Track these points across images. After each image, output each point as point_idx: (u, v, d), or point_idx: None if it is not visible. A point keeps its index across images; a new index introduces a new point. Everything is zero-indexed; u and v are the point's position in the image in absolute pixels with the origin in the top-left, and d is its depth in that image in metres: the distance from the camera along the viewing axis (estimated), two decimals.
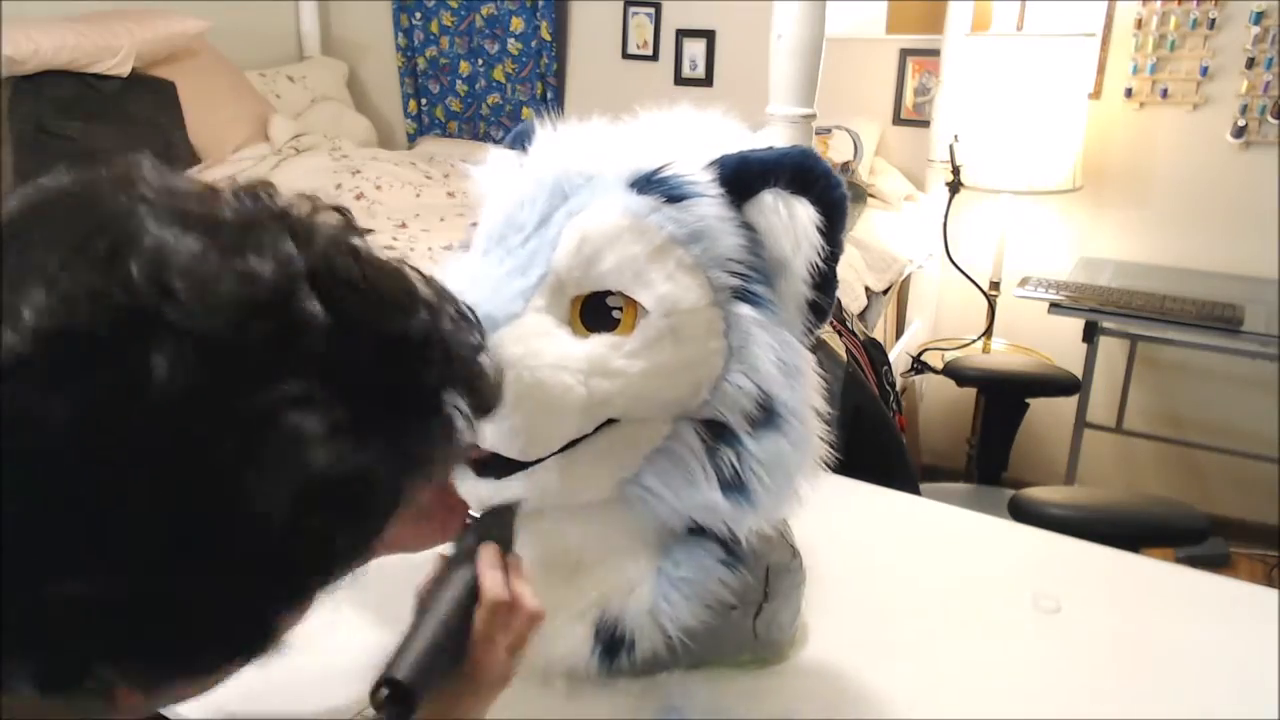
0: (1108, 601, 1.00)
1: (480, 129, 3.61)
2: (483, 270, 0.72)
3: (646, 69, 3.28)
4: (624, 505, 0.76)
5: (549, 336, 0.69)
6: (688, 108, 0.83)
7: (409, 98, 3.69)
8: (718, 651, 0.82)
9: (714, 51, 3.17)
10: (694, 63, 3.21)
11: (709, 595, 0.77)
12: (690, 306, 0.70)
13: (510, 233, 0.74)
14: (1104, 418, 2.68)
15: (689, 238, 0.71)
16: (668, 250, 0.70)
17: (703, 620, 0.78)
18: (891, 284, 2.59)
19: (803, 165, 0.73)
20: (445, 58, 3.59)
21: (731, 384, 0.72)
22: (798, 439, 0.72)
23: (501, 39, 3.47)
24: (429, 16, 3.56)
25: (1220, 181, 2.61)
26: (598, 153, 0.76)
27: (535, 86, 3.46)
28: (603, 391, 0.69)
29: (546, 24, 3.36)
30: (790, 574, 0.85)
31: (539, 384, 0.67)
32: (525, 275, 0.71)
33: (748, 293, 0.73)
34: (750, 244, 0.73)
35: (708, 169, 0.74)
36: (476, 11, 3.48)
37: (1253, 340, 2.15)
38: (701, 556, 0.77)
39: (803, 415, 0.72)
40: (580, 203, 0.73)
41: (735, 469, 0.71)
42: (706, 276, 0.72)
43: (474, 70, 3.56)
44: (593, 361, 0.69)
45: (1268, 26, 2.47)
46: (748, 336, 0.72)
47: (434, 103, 3.67)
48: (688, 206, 0.71)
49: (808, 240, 0.72)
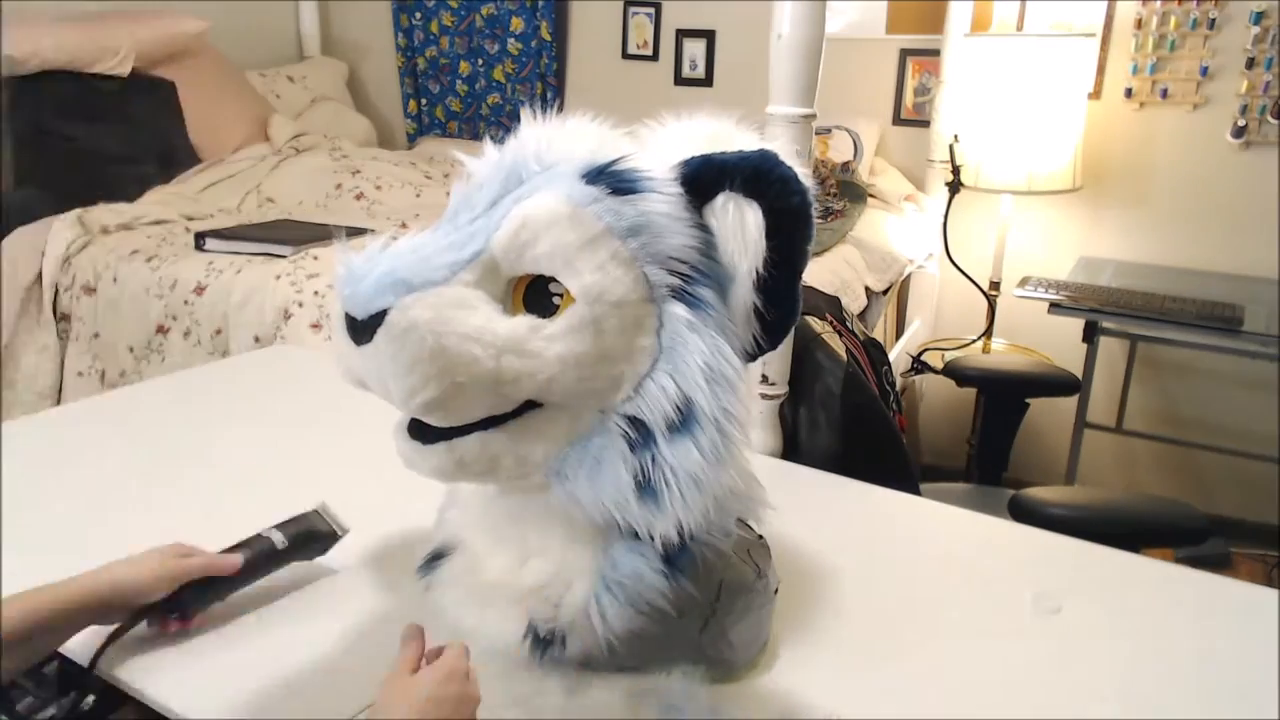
0: (1108, 601, 1.00)
1: (480, 129, 3.61)
2: (423, 241, 0.73)
3: (646, 69, 3.29)
4: (572, 508, 0.76)
5: (468, 308, 0.70)
6: (704, 114, 0.83)
7: (409, 98, 3.69)
8: (657, 659, 0.80)
9: (714, 51, 3.18)
10: (694, 63, 3.21)
11: (642, 602, 0.75)
12: (617, 299, 0.70)
13: (463, 210, 0.75)
14: (1104, 418, 2.69)
15: (627, 231, 0.71)
16: (603, 241, 0.70)
17: (639, 626, 0.76)
18: (891, 284, 2.59)
19: (760, 168, 0.72)
20: (445, 58, 3.59)
21: (656, 384, 0.71)
22: (710, 449, 0.69)
23: (501, 39, 3.48)
24: (429, 16, 3.56)
25: (1220, 181, 2.61)
26: (560, 143, 0.77)
27: (535, 86, 3.47)
28: (513, 369, 0.70)
29: (546, 24, 3.36)
30: (748, 594, 0.83)
31: (441, 350, 0.67)
32: (461, 250, 0.72)
33: (686, 294, 0.72)
34: (703, 246, 0.73)
35: (673, 168, 0.74)
36: (476, 11, 3.48)
37: (1253, 340, 2.15)
38: (639, 562, 0.75)
39: (722, 426, 0.70)
40: (532, 188, 0.73)
41: (652, 472, 0.70)
42: (643, 272, 0.71)
43: (474, 70, 3.56)
44: (510, 339, 0.70)
45: (1268, 26, 2.47)
46: (678, 338, 0.71)
47: (434, 103, 3.67)
48: (633, 201, 0.71)
49: (754, 246, 0.71)
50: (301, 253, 2.12)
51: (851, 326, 1.90)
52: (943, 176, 2.70)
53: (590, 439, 0.73)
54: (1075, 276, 2.56)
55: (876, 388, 1.76)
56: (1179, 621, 0.97)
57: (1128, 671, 0.88)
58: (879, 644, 0.91)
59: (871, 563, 1.05)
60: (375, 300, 0.68)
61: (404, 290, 0.68)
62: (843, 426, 1.55)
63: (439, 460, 0.74)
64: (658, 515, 0.70)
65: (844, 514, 1.15)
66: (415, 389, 0.69)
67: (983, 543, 1.13)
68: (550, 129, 0.78)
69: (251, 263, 2.07)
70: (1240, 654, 0.91)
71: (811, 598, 0.96)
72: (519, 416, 0.73)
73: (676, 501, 0.69)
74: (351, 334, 0.70)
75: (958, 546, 1.12)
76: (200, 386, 1.52)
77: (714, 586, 0.80)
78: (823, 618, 0.93)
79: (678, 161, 0.74)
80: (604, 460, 0.72)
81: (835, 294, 2.05)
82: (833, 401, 1.55)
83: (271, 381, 1.54)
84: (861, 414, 1.59)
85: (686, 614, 0.79)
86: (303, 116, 3.30)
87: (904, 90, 2.98)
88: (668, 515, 0.70)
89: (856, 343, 1.82)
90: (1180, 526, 1.64)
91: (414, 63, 3.65)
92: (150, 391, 1.52)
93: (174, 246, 2.21)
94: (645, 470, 0.70)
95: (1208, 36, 2.55)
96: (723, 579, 0.80)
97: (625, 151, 0.75)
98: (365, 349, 0.69)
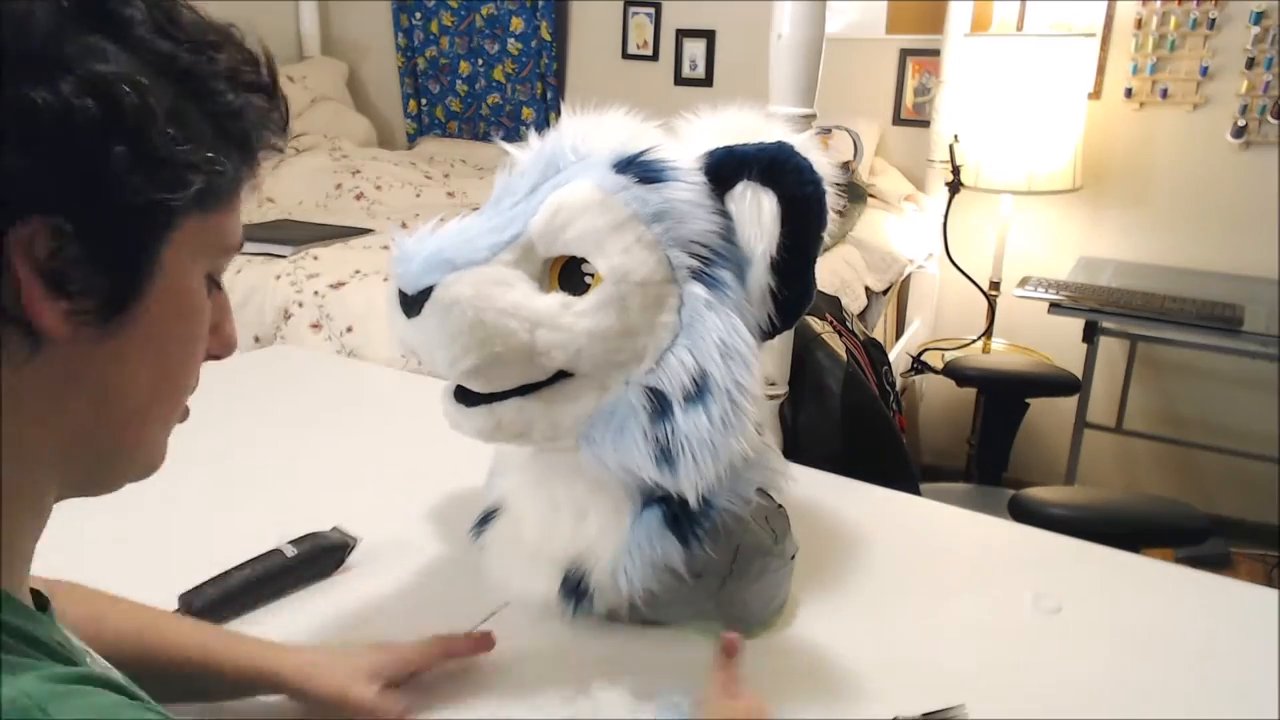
0: (1108, 601, 1.00)
1: (480, 129, 3.61)
2: (468, 224, 0.81)
3: (646, 69, 3.29)
4: (600, 470, 0.82)
5: (506, 286, 0.77)
6: (739, 111, 0.91)
7: (409, 98, 3.69)
8: (676, 616, 0.88)
9: (714, 51, 3.18)
10: (694, 63, 3.21)
11: (661, 565, 0.82)
12: (641, 279, 0.76)
13: (505, 196, 0.82)
14: (1104, 418, 2.69)
15: (652, 217, 0.77)
16: (629, 226, 0.76)
17: (660, 585, 0.83)
18: (891, 284, 2.59)
19: (776, 158, 0.77)
20: (445, 58, 3.59)
21: (675, 357, 0.77)
22: (721, 417, 0.75)
23: (501, 39, 3.48)
24: (429, 16, 3.56)
25: (1220, 181, 2.61)
26: (595, 135, 0.83)
27: (535, 86, 3.47)
28: (546, 341, 0.76)
29: (546, 24, 3.36)
30: (764, 557, 0.87)
31: (480, 323, 0.75)
32: (501, 233, 0.78)
33: (706, 275, 0.78)
34: (724, 231, 0.78)
35: (699, 159, 0.80)
36: (476, 11, 3.48)
37: (1253, 340, 2.15)
38: (659, 527, 0.81)
39: (734, 397, 0.75)
40: (567, 176, 0.80)
41: (669, 439, 0.76)
42: (665, 255, 0.77)
43: (474, 70, 3.56)
44: (543, 314, 0.76)
45: (1268, 26, 2.47)
46: (696, 315, 0.77)
47: (434, 103, 3.67)
48: (659, 189, 0.77)
49: (769, 231, 0.76)
50: (301, 253, 2.12)
51: (851, 326, 1.90)
52: (943, 176, 2.70)
53: (616, 407, 0.78)
54: (1075, 276, 2.56)
55: (876, 388, 1.76)
56: (1179, 621, 0.97)
57: (1128, 671, 0.88)
58: (879, 643, 0.91)
59: (871, 563, 1.05)
60: (423, 278, 0.76)
61: (449, 269, 0.76)
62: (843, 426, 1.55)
63: (480, 422, 0.82)
64: (673, 477, 0.76)
65: (844, 514, 1.15)
66: (457, 357, 0.76)
67: (983, 543, 1.13)
68: (587, 122, 0.85)
69: (251, 263, 2.07)
70: (1240, 654, 0.91)
71: (811, 598, 0.96)
72: (552, 384, 0.80)
73: (690, 466, 0.75)
74: (403, 308, 0.77)
75: (958, 546, 1.12)
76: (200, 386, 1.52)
77: (731, 550, 0.85)
78: (822, 617, 0.93)
79: (704, 152, 0.80)
80: (626, 427, 0.77)
81: (835, 294, 2.05)
82: (833, 401, 1.56)
83: (271, 381, 1.54)
84: (861, 414, 1.59)
85: (705, 574, 0.84)
86: (303, 116, 3.30)
87: (904, 90, 2.98)
88: (682, 478, 0.75)
89: (856, 343, 1.82)
90: (1180, 526, 1.64)
91: (414, 63, 3.65)
92: None
93: None
94: (664, 436, 0.75)
95: (1208, 36, 2.55)
96: (740, 543, 0.85)
97: (654, 143, 0.81)
98: (414, 321, 0.77)
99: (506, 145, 0.88)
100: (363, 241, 2.24)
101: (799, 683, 0.84)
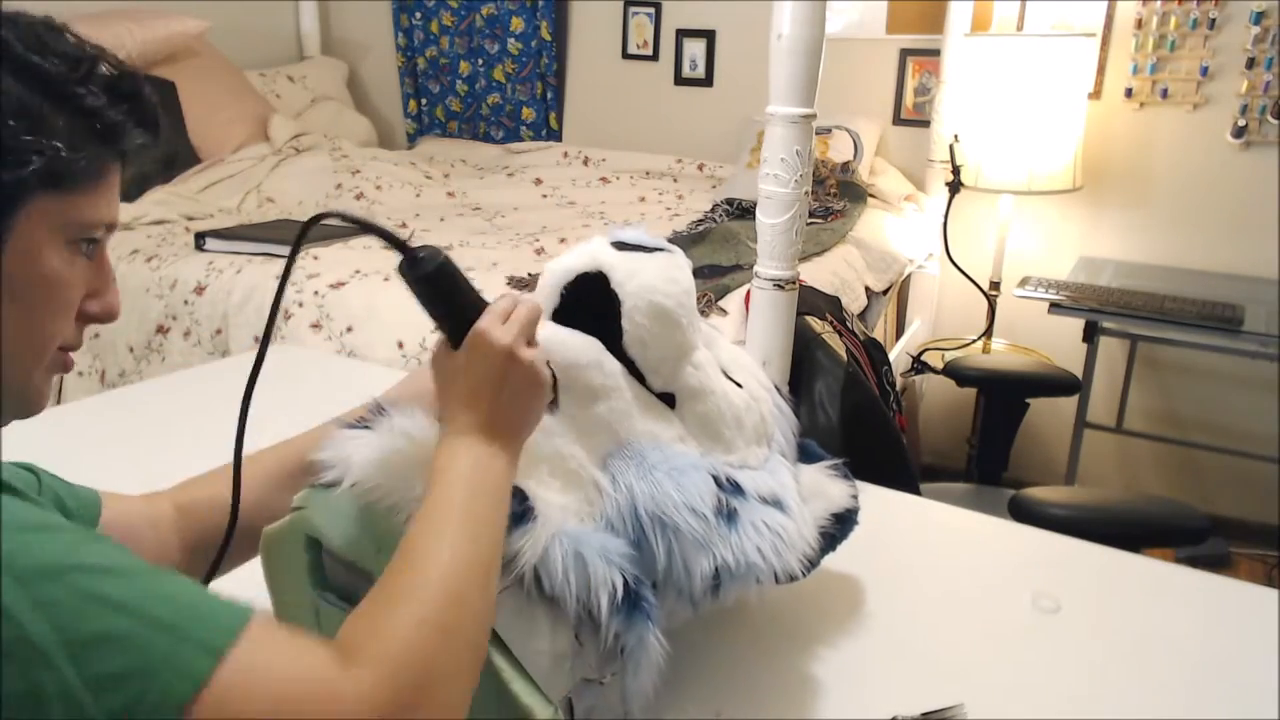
0: (1108, 601, 1.00)
1: (480, 129, 3.61)
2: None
3: (646, 69, 3.28)
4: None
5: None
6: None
7: (409, 98, 3.69)
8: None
9: (714, 51, 3.17)
10: (694, 63, 3.21)
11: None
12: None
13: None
14: (1104, 418, 2.69)
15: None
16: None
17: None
18: (891, 284, 2.59)
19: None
20: (445, 58, 3.59)
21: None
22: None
23: (501, 39, 3.48)
24: (429, 16, 3.56)
25: (1220, 181, 2.61)
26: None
27: (535, 86, 3.47)
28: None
29: (546, 24, 3.36)
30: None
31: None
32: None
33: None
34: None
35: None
36: (476, 11, 3.48)
37: (1253, 340, 2.15)
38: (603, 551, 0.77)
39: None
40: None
41: (730, 502, 0.80)
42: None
43: (474, 70, 3.56)
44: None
45: (1268, 26, 2.47)
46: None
47: (434, 103, 3.67)
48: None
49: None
50: (301, 253, 2.12)
51: (851, 326, 1.90)
52: (943, 176, 2.70)
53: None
54: (1075, 276, 2.56)
55: (876, 388, 1.76)
56: (1179, 621, 0.97)
57: (1127, 671, 0.88)
58: (879, 643, 0.91)
59: (871, 563, 1.05)
60: None
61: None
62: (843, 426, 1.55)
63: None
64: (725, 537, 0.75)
65: None
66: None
67: (983, 543, 1.13)
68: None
69: (251, 263, 2.07)
70: (1240, 654, 0.91)
71: (811, 597, 0.96)
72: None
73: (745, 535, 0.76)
74: None
75: (958, 546, 1.12)
76: (200, 386, 1.52)
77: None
78: (823, 617, 0.93)
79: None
80: (687, 472, 0.77)
81: (835, 294, 2.05)
82: (833, 401, 1.56)
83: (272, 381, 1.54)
84: (861, 414, 1.59)
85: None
86: (303, 116, 3.30)
87: (904, 90, 2.98)
88: (729, 542, 0.75)
89: (856, 343, 1.82)
90: (1180, 526, 1.64)
91: (414, 63, 3.65)
92: (150, 391, 1.53)
93: (174, 246, 2.21)
94: (726, 501, 0.77)
95: (1208, 36, 2.55)
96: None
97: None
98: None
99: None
100: (363, 241, 2.24)
101: (799, 682, 0.84)
